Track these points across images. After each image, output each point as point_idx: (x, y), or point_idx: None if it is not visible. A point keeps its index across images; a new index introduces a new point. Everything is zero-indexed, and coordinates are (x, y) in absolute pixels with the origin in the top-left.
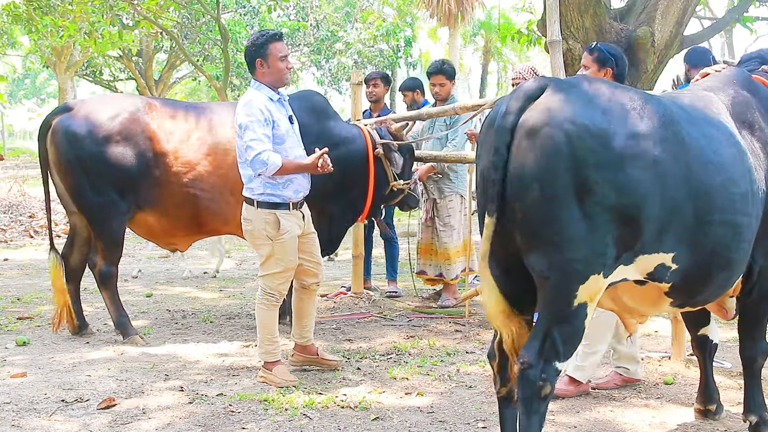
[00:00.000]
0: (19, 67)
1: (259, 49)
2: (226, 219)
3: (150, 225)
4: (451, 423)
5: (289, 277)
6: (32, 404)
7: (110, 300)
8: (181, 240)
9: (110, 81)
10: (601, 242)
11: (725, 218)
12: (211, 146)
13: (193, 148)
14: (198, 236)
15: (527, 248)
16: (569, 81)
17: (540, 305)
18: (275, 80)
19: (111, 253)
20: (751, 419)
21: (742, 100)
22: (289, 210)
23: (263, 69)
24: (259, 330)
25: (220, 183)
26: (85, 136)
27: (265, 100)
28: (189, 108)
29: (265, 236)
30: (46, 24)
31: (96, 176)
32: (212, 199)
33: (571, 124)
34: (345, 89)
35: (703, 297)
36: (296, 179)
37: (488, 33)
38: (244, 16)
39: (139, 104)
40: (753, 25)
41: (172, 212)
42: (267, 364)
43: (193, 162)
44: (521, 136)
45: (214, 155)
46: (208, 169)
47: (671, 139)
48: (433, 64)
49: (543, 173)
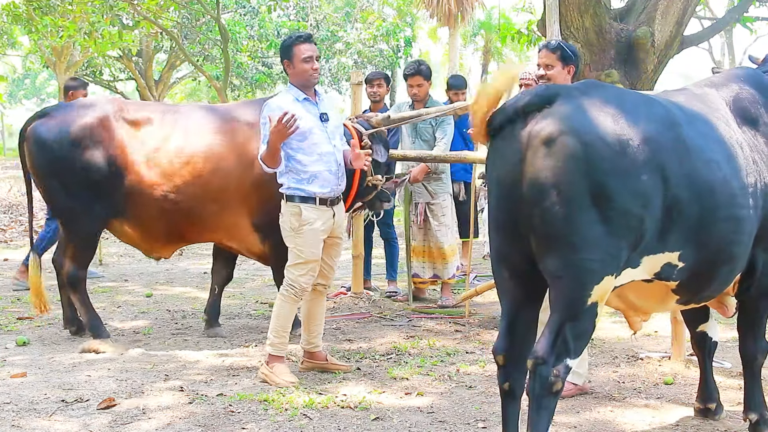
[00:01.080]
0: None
1: (286, 51)
2: (208, 226)
3: (128, 234)
4: (451, 423)
5: (311, 270)
6: (32, 404)
7: (80, 303)
8: (163, 249)
9: (110, 81)
10: (616, 244)
11: (728, 213)
12: (189, 153)
13: (170, 156)
14: (180, 244)
15: (543, 251)
16: (578, 88)
17: (553, 304)
18: (301, 81)
19: (81, 257)
20: (751, 418)
21: (746, 96)
22: (316, 204)
23: (290, 70)
24: (273, 320)
25: (199, 191)
26: (55, 141)
27: (289, 100)
28: (166, 112)
29: (289, 228)
30: (46, 24)
31: (67, 182)
32: (191, 209)
33: (586, 132)
34: (345, 89)
35: (708, 293)
36: (321, 175)
37: (488, 33)
38: (244, 16)
39: (112, 109)
40: (753, 25)
41: (147, 222)
42: (270, 358)
43: (168, 171)
44: (537, 145)
45: (192, 162)
46: (186, 178)
47: (674, 141)
48: (410, 66)
49: (561, 180)
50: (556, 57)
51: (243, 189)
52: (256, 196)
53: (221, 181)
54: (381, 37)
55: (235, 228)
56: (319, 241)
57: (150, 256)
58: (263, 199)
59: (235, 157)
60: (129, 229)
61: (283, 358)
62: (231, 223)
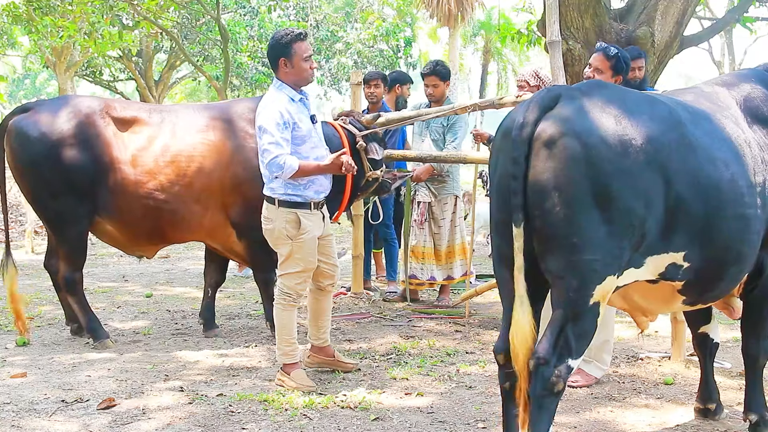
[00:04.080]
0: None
1: (283, 49)
2: (191, 227)
3: (110, 233)
4: (451, 423)
5: (307, 278)
6: (32, 404)
7: (79, 305)
8: (146, 248)
9: (110, 81)
10: (618, 244)
11: (735, 212)
12: (173, 153)
13: (154, 155)
14: (163, 244)
15: (545, 251)
16: (580, 89)
17: (555, 304)
18: (298, 80)
19: (74, 259)
20: (752, 418)
21: (758, 95)
22: (311, 210)
23: (287, 69)
24: (277, 330)
25: (183, 192)
26: (38, 138)
27: (286, 101)
28: (152, 111)
29: (286, 236)
30: (46, 24)
31: (50, 180)
32: (175, 209)
33: (588, 133)
34: (345, 89)
35: (715, 293)
36: (317, 179)
37: (488, 33)
38: (244, 16)
39: (96, 107)
40: (753, 26)
41: (131, 221)
42: (285, 366)
43: (153, 170)
44: (539, 146)
45: (176, 162)
46: (171, 178)
47: (679, 141)
48: (427, 65)
49: (562, 182)
50: (609, 65)
51: (224, 188)
52: (235, 195)
53: (204, 182)
54: (381, 37)
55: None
56: (315, 248)
57: (133, 254)
58: (243, 199)
59: (217, 156)
60: (112, 228)
61: (298, 363)
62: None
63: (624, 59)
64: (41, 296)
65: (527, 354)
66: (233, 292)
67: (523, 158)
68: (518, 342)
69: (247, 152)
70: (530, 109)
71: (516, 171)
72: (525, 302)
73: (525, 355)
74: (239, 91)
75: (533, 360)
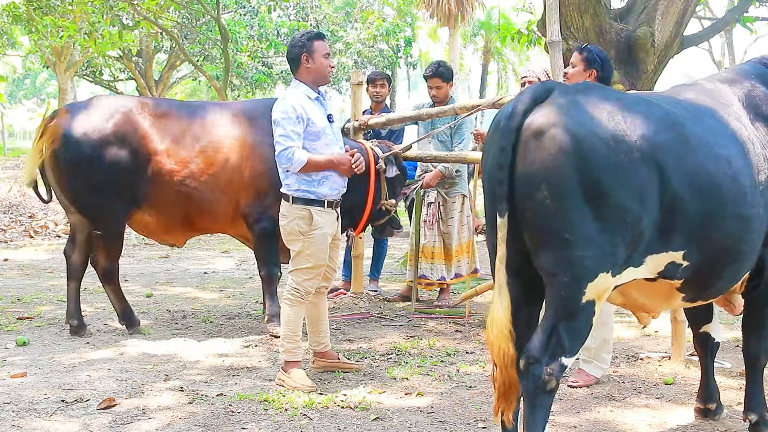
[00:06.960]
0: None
1: (305, 45)
2: (216, 217)
3: (146, 222)
4: (451, 423)
5: (317, 275)
6: (32, 404)
7: (114, 295)
8: (177, 236)
9: (110, 81)
10: (610, 241)
11: (736, 211)
12: (203, 144)
13: (186, 147)
14: (192, 233)
15: (537, 246)
16: (576, 87)
17: (547, 302)
18: (318, 77)
19: (114, 251)
20: (752, 418)
21: (760, 93)
22: (324, 208)
23: (308, 64)
24: (283, 327)
25: (211, 181)
26: (82, 138)
27: (301, 97)
28: (182, 107)
29: (298, 232)
30: (46, 24)
31: (95, 178)
32: (203, 198)
33: (578, 126)
34: (345, 89)
35: (714, 290)
36: (331, 177)
37: (488, 33)
38: (244, 16)
39: (132, 105)
40: (753, 25)
41: (165, 210)
42: (286, 364)
43: (186, 160)
44: (528, 137)
45: (205, 154)
46: (201, 167)
47: (676, 140)
48: (430, 67)
49: (552, 174)
50: (581, 58)
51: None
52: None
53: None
54: (381, 37)
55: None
56: (327, 246)
57: (164, 243)
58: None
59: (239, 149)
60: (149, 217)
61: (299, 362)
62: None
63: (598, 55)
64: (41, 296)
65: (503, 344)
66: (233, 292)
67: (510, 148)
68: (494, 332)
69: (264, 147)
70: (521, 99)
71: (502, 160)
72: (504, 292)
73: (499, 346)
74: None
75: (524, 358)
